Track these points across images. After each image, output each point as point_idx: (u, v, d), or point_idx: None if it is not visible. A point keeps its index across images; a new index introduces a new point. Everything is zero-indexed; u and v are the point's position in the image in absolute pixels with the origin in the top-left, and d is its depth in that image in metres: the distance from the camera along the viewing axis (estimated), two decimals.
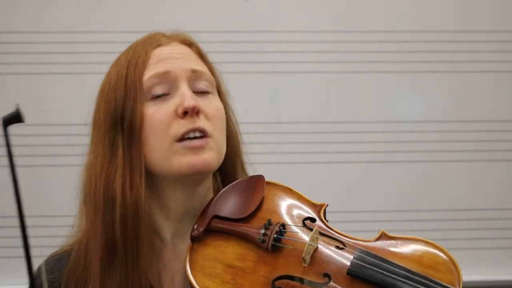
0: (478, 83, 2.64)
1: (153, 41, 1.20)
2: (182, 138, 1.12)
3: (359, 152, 2.61)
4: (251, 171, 1.30)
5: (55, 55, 2.51)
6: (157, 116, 1.13)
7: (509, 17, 2.67)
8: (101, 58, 2.41)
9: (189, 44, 1.23)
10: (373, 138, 2.61)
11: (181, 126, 1.12)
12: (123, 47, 1.28)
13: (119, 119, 1.14)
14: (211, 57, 1.28)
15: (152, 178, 1.15)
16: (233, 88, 1.32)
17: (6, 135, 0.85)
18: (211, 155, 1.13)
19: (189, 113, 1.11)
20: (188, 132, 1.12)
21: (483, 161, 2.64)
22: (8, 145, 0.84)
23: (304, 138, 2.59)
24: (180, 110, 1.12)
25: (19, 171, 0.85)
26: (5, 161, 0.83)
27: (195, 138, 1.12)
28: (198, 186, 1.18)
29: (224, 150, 1.18)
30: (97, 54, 2.44)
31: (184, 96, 1.13)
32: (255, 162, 1.31)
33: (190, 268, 1.09)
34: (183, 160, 1.11)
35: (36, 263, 1.26)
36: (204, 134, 1.13)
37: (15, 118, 0.87)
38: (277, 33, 2.59)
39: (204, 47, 1.28)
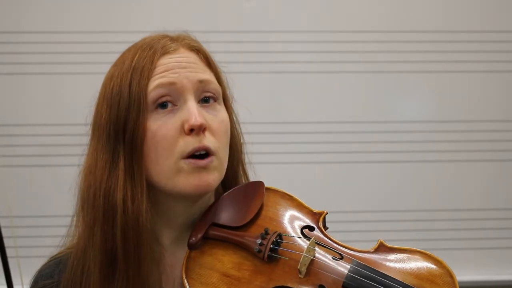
0: (469, 84, 2.65)
1: (160, 47, 1.16)
2: (188, 156, 1.10)
3: (358, 152, 2.61)
4: (250, 171, 1.30)
5: (54, 55, 2.51)
6: (162, 131, 1.10)
7: (507, 17, 2.67)
8: (102, 59, 2.42)
9: (197, 50, 1.20)
10: (373, 138, 2.61)
11: (187, 144, 1.10)
12: (123, 47, 1.28)
13: (121, 129, 1.11)
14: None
15: (154, 190, 1.14)
16: (233, 88, 1.32)
17: None
18: (214, 175, 1.12)
19: (195, 130, 1.10)
20: (194, 151, 1.10)
21: (492, 161, 2.65)
22: None
23: (304, 138, 2.59)
24: (186, 127, 1.10)
25: (18, 171, 0.85)
26: (4, 160, 0.83)
27: (200, 154, 1.11)
28: (200, 199, 1.17)
29: (226, 165, 1.17)
30: (98, 55, 2.44)
31: (191, 112, 1.10)
32: (254, 162, 1.31)
33: (186, 276, 1.09)
34: (188, 180, 1.10)
35: (31, 263, 1.26)
36: (208, 152, 1.12)
37: None
38: (277, 33, 2.59)
39: (204, 47, 1.27)
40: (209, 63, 1.21)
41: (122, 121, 1.11)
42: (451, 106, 2.65)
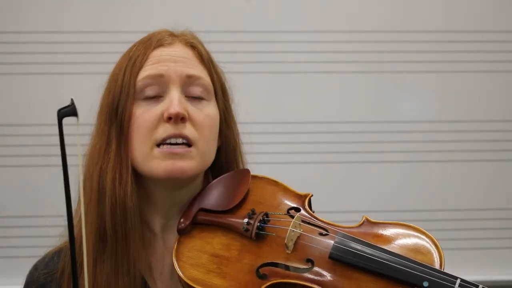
0: (469, 84, 2.65)
1: (156, 39, 1.21)
2: (162, 143, 1.14)
3: (358, 152, 2.61)
4: (245, 164, 1.31)
5: (54, 55, 2.51)
6: (143, 117, 1.15)
7: (506, 17, 2.68)
8: (102, 59, 2.42)
9: (192, 47, 1.23)
10: (373, 138, 2.61)
11: (164, 130, 1.14)
12: (123, 47, 1.28)
13: (114, 113, 1.17)
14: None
15: (138, 174, 1.18)
16: (232, 88, 1.32)
17: (60, 128, 0.86)
18: (190, 163, 1.15)
19: (173, 119, 1.13)
20: (170, 137, 1.14)
21: (492, 161, 2.65)
22: (62, 138, 0.86)
23: (304, 138, 2.59)
24: (165, 115, 1.14)
25: (18, 171, 0.85)
26: (4, 160, 0.84)
27: (176, 144, 1.14)
28: (182, 187, 1.20)
29: (209, 158, 1.20)
30: (98, 55, 2.44)
31: (172, 101, 1.14)
32: (254, 162, 1.32)
33: (177, 260, 1.12)
34: (160, 165, 1.14)
35: (32, 263, 1.27)
36: (187, 142, 1.15)
37: (70, 111, 0.88)
38: (277, 33, 2.59)
39: (202, 45, 1.27)
40: (203, 60, 1.23)
41: (115, 105, 1.17)
42: (451, 106, 2.65)
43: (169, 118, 1.13)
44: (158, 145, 1.14)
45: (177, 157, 1.13)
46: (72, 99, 0.89)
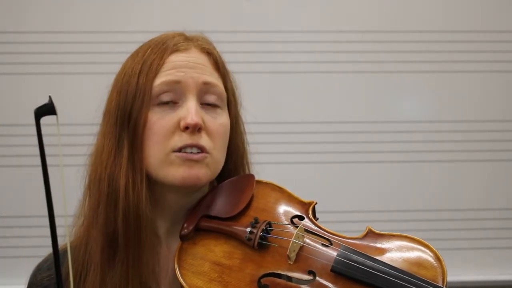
0: (469, 84, 2.65)
1: (172, 44, 1.20)
2: (179, 150, 1.14)
3: (358, 152, 2.61)
4: (251, 171, 1.31)
5: (54, 55, 2.51)
6: (160, 124, 1.14)
7: (507, 17, 2.67)
8: (102, 59, 2.42)
9: (208, 53, 1.23)
10: (373, 138, 2.61)
11: (181, 139, 1.13)
12: (123, 47, 1.28)
13: (127, 117, 1.16)
14: None
15: (151, 180, 1.17)
16: None
17: (38, 128, 0.83)
18: (204, 171, 1.15)
19: (190, 129, 1.13)
20: (186, 147, 1.14)
21: (492, 161, 2.65)
22: (40, 138, 0.83)
23: (304, 138, 2.59)
24: (182, 124, 1.13)
25: (18, 171, 0.85)
26: (4, 160, 0.83)
27: (192, 153, 1.14)
28: (192, 192, 1.20)
29: (220, 167, 1.20)
30: (98, 55, 2.44)
31: (189, 111, 1.14)
32: (254, 162, 1.32)
33: (179, 267, 1.11)
34: (177, 171, 1.13)
35: (32, 263, 1.27)
36: (202, 151, 1.15)
37: (48, 110, 0.85)
38: (277, 33, 2.59)
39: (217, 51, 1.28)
40: (218, 67, 1.23)
41: (128, 108, 1.15)
42: (451, 106, 2.65)
43: (186, 128, 1.13)
44: (175, 152, 1.14)
45: (194, 163, 1.13)
46: (50, 97, 0.86)
